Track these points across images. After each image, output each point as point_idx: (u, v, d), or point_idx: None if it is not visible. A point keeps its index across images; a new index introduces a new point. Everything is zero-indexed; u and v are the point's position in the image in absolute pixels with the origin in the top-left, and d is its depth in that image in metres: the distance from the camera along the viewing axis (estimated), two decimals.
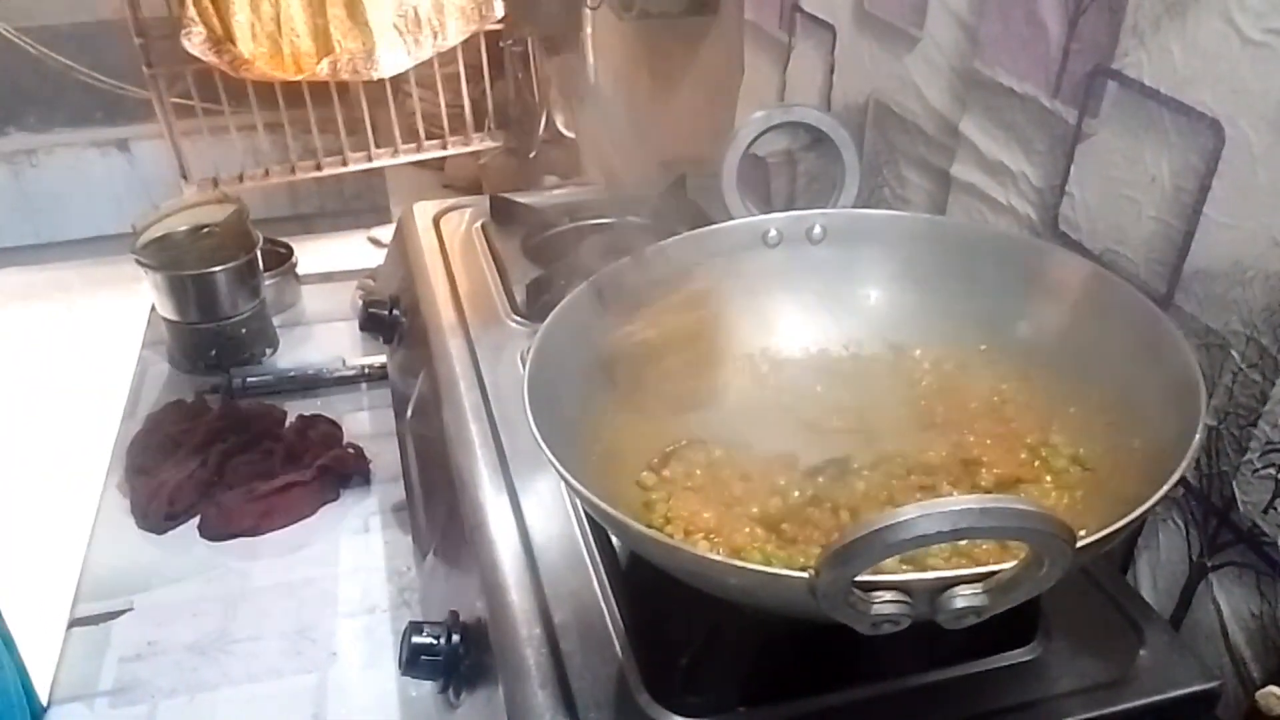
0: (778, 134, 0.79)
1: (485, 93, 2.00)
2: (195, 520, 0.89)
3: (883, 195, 0.84)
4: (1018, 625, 0.50)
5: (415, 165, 1.58)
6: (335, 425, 0.99)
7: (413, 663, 0.56)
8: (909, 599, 0.35)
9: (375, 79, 1.48)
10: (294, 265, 1.27)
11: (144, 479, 0.91)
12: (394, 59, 1.63)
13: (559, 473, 0.43)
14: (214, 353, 1.11)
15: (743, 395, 0.61)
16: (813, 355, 0.63)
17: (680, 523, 0.50)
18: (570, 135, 1.91)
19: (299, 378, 1.10)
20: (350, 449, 0.96)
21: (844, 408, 0.58)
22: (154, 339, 1.17)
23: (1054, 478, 0.52)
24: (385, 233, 1.27)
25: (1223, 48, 0.49)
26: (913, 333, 0.62)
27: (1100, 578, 0.54)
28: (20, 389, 1.13)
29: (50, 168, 1.96)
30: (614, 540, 0.56)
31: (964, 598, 0.35)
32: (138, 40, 1.75)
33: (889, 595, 0.35)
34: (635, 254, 0.60)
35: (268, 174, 1.46)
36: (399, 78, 1.53)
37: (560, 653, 0.50)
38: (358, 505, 0.92)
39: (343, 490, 0.93)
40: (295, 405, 1.01)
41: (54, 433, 1.05)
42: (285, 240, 1.29)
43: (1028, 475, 0.52)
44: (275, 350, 1.18)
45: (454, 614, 0.59)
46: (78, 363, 1.17)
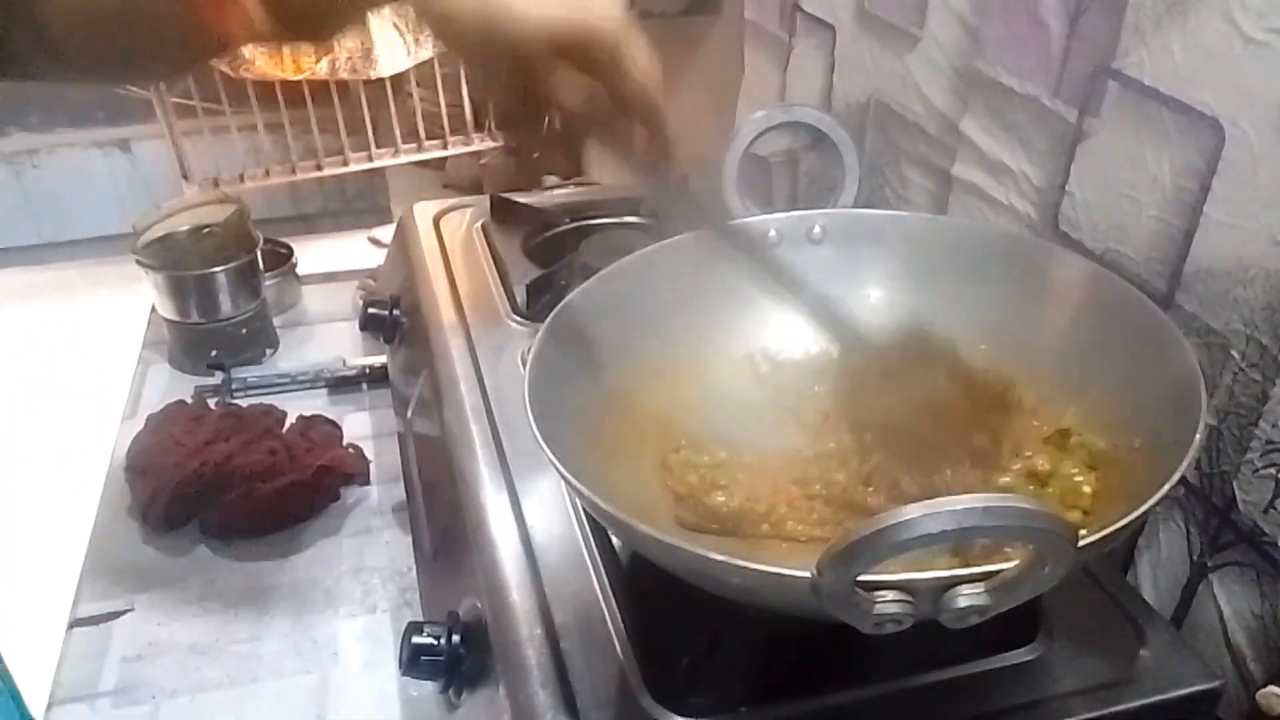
0: (779, 134, 0.79)
1: None
2: (196, 520, 0.89)
3: (884, 195, 0.84)
4: (1019, 625, 0.50)
5: (416, 165, 1.57)
6: (335, 425, 0.99)
7: (413, 663, 0.56)
8: (912, 598, 0.35)
9: (375, 78, 1.48)
10: (294, 265, 1.27)
11: (144, 479, 0.90)
12: (394, 58, 1.63)
13: (560, 473, 0.43)
14: (214, 353, 1.11)
15: (743, 395, 0.61)
16: (813, 355, 0.63)
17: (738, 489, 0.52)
18: None
19: (299, 378, 1.10)
20: (350, 449, 0.96)
21: (844, 408, 0.58)
22: (154, 339, 1.17)
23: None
24: (386, 233, 1.27)
25: (1224, 47, 0.49)
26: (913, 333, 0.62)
27: (1101, 577, 0.54)
28: (20, 389, 1.13)
29: (52, 168, 1.96)
30: (615, 540, 0.56)
31: (967, 597, 0.35)
32: None
33: (892, 595, 0.35)
34: (633, 255, 0.60)
35: (268, 174, 1.45)
36: (399, 78, 1.53)
37: (561, 653, 0.50)
38: (358, 505, 0.92)
39: (343, 491, 0.93)
40: (295, 405, 1.01)
41: (54, 433, 1.04)
42: (286, 240, 1.28)
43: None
44: (276, 350, 1.18)
45: (454, 614, 0.59)
46: (78, 363, 1.17)
